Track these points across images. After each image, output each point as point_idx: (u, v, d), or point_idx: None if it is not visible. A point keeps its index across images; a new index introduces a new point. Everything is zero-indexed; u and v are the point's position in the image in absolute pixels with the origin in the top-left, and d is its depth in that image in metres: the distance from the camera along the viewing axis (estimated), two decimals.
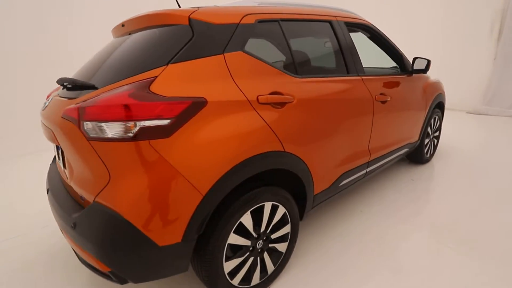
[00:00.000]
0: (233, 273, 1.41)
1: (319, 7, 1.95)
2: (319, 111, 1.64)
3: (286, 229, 1.61)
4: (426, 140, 3.12)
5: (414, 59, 2.53)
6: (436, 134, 3.33)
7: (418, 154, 3.13)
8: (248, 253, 1.44)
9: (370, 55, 2.74)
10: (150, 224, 1.10)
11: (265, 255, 1.53)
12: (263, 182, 1.45)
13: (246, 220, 1.37)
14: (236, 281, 1.42)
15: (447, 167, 3.23)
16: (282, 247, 1.62)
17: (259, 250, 1.50)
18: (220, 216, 1.29)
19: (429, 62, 2.51)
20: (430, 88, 2.91)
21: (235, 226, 1.33)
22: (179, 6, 1.73)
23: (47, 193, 1.56)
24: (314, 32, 1.88)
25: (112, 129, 1.05)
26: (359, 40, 2.50)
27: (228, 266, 1.36)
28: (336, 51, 1.94)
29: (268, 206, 1.46)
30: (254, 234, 1.44)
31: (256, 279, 1.51)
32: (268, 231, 1.51)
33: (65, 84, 1.33)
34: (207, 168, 1.17)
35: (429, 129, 3.10)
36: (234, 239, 1.34)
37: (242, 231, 1.38)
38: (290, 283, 1.64)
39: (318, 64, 1.90)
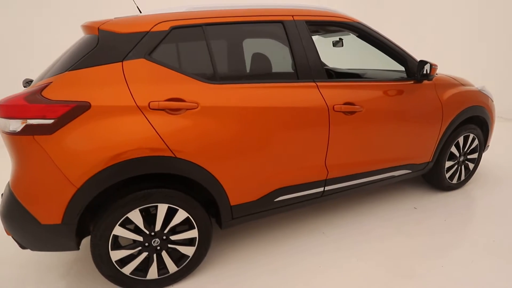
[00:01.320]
0: (125, 262, 1.53)
1: (275, 7, 1.80)
2: (236, 119, 1.57)
3: (193, 233, 1.63)
4: (450, 163, 2.49)
5: (420, 63, 2.06)
6: (472, 156, 2.61)
7: (435, 178, 2.54)
8: (140, 247, 1.54)
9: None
10: (33, 205, 1.33)
11: (164, 254, 1.59)
12: (159, 183, 1.51)
13: (135, 216, 1.47)
14: (127, 270, 1.53)
15: (480, 200, 2.52)
16: (188, 250, 1.65)
17: (158, 248, 1.57)
18: (105, 208, 1.43)
19: (431, 66, 2.00)
20: (454, 99, 2.30)
21: (120, 220, 1.45)
22: (140, 12, 1.90)
23: None
24: (254, 35, 1.77)
25: (10, 125, 1.31)
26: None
27: (116, 254, 1.49)
28: (283, 55, 1.78)
29: (162, 207, 1.51)
30: (147, 231, 1.52)
31: (153, 274, 1.59)
32: (166, 232, 1.56)
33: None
34: (82, 165, 1.32)
35: (454, 150, 2.47)
36: (120, 231, 1.46)
37: (132, 226, 1.49)
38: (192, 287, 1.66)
39: (252, 69, 1.78)
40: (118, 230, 1.46)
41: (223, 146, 1.56)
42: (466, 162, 2.61)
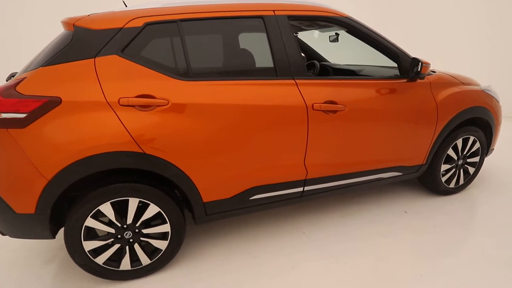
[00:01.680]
0: (98, 252, 1.59)
1: (258, 1, 1.76)
2: (208, 116, 1.56)
3: (165, 228, 1.66)
4: (446, 166, 2.37)
5: (413, 60, 1.94)
6: (472, 160, 2.46)
7: (429, 181, 2.43)
8: (112, 239, 1.59)
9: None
10: (8, 195, 1.40)
11: (136, 246, 1.64)
12: (129, 178, 1.55)
13: (106, 209, 1.51)
14: (100, 260, 1.59)
15: (477, 206, 2.39)
16: (160, 244, 1.68)
17: (130, 240, 1.62)
18: (77, 200, 1.48)
19: (422, 64, 1.88)
20: (452, 99, 2.17)
21: (92, 212, 1.49)
22: (126, 6, 1.92)
23: None
24: (232, 31, 1.74)
25: None
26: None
27: (89, 245, 1.55)
28: (262, 51, 1.74)
29: (134, 201, 1.55)
30: (118, 224, 1.57)
31: (126, 265, 1.64)
32: (138, 225, 1.60)
33: None
34: (52, 159, 1.37)
35: (452, 153, 2.34)
36: (91, 223, 1.51)
37: (105, 218, 1.53)
38: (165, 279, 1.70)
39: (229, 66, 1.76)
40: (90, 222, 1.51)
41: (193, 144, 1.56)
42: (466, 166, 2.46)
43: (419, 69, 1.90)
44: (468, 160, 2.46)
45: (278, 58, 1.72)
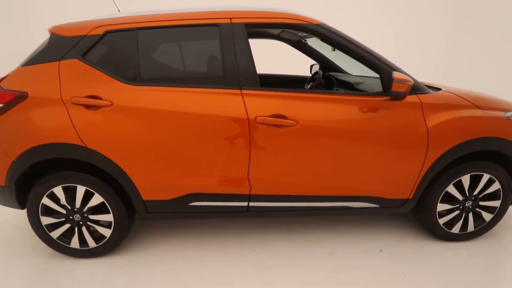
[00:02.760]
0: (54, 226, 1.83)
1: (215, 9, 1.76)
2: (147, 120, 1.64)
3: (108, 217, 1.81)
4: (446, 206, 1.92)
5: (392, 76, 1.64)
6: (488, 204, 1.93)
7: (421, 221, 2.02)
8: (64, 219, 1.81)
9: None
10: None
11: (84, 229, 1.83)
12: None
13: (58, 192, 1.74)
14: (54, 235, 1.83)
15: (494, 269, 1.86)
16: (105, 231, 1.84)
17: (80, 223, 1.82)
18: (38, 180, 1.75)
19: (393, 81, 1.57)
20: (452, 125, 1.76)
21: (47, 192, 1.74)
22: (119, 10, 2.15)
23: None
24: (186, 38, 1.76)
25: None
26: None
27: (44, 220, 1.80)
28: (213, 60, 1.73)
29: (80, 188, 1.74)
30: (69, 206, 1.78)
31: (75, 244, 1.85)
32: (85, 210, 1.79)
33: None
34: (15, 143, 1.65)
35: (454, 191, 1.88)
36: (47, 201, 1.76)
37: (56, 199, 1.77)
38: (104, 264, 1.86)
39: (178, 73, 1.79)
40: (46, 200, 1.76)
41: (132, 144, 1.66)
42: (478, 209, 1.95)
43: (389, 88, 1.60)
44: (482, 203, 1.94)
45: (228, 67, 1.69)
